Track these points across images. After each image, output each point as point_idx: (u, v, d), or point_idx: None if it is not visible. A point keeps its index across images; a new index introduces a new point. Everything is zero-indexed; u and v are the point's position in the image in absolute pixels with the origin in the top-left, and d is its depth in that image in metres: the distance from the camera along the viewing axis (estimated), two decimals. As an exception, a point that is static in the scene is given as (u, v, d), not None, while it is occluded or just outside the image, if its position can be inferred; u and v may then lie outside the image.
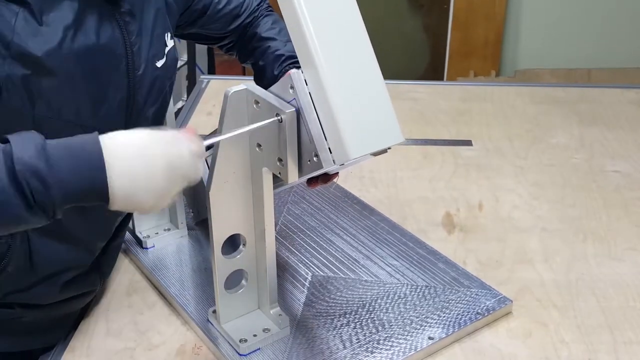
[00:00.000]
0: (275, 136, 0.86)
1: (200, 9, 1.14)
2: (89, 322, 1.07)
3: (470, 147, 1.57)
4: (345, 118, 0.81)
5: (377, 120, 0.84)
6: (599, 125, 1.67)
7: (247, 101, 0.89)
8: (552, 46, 3.01)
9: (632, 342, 1.03)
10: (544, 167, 1.49)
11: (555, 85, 2.21)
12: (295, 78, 0.83)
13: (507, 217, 1.33)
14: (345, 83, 0.82)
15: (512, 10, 2.98)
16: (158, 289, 1.13)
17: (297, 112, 0.84)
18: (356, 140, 0.81)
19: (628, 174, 1.46)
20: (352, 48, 0.84)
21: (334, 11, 0.84)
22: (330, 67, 0.81)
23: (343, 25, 0.84)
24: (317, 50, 0.81)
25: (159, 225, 1.23)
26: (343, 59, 0.82)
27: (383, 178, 1.46)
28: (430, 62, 3.34)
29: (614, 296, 1.12)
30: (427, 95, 1.83)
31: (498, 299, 1.08)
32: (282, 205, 1.33)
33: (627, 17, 2.93)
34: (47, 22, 0.85)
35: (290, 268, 1.16)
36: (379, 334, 1.02)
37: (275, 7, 1.00)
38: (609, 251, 1.23)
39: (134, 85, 0.96)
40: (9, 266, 0.95)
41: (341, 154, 0.81)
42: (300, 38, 0.82)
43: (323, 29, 0.82)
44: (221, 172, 0.91)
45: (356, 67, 0.83)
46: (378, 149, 0.84)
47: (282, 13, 0.84)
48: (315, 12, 0.82)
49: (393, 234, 1.24)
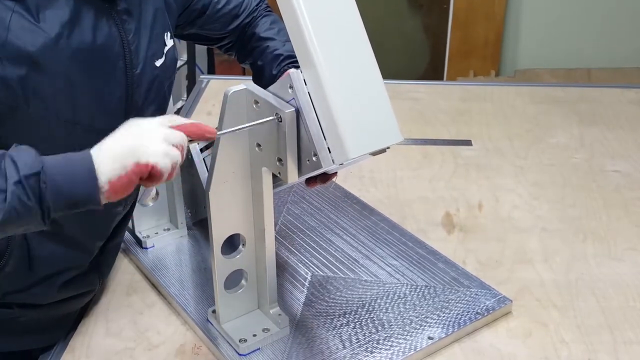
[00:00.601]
0: (275, 136, 0.86)
1: (200, 9, 1.14)
2: (88, 322, 1.07)
3: (470, 147, 1.57)
4: (344, 118, 0.81)
5: (376, 119, 0.84)
6: (598, 125, 1.66)
7: (246, 101, 0.89)
8: (552, 46, 3.01)
9: (632, 342, 1.03)
10: (543, 167, 1.49)
11: (555, 85, 2.21)
12: (294, 78, 0.83)
13: (507, 217, 1.33)
14: (344, 83, 0.82)
15: (511, 10, 2.98)
16: (158, 288, 1.13)
17: (297, 112, 0.84)
18: (355, 140, 0.81)
19: (628, 174, 1.46)
20: (351, 48, 0.84)
21: (333, 11, 0.84)
22: (330, 67, 0.81)
23: (342, 25, 0.84)
24: (316, 50, 0.81)
25: (159, 225, 1.23)
26: (342, 58, 0.82)
27: (383, 178, 1.45)
28: (430, 62, 3.34)
29: (614, 296, 1.12)
30: (427, 95, 1.83)
31: (498, 299, 1.08)
32: (282, 205, 1.33)
33: (627, 16, 2.93)
34: (44, 19, 0.85)
35: (290, 268, 1.16)
36: (379, 333, 1.02)
37: (274, 8, 1.00)
38: (608, 251, 1.23)
39: (132, 84, 0.96)
40: (8, 266, 0.95)
41: (340, 153, 0.81)
42: (299, 38, 0.82)
43: (322, 29, 0.82)
44: (221, 171, 0.91)
45: (355, 67, 0.83)
46: (377, 149, 0.84)
47: (281, 13, 0.84)
48: (314, 12, 0.82)
49: (393, 233, 1.24)
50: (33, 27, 0.84)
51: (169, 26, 1.05)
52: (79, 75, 0.89)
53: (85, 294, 1.07)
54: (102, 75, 0.92)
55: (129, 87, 0.96)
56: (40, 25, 0.85)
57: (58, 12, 0.86)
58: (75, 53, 0.88)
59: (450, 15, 3.04)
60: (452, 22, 3.04)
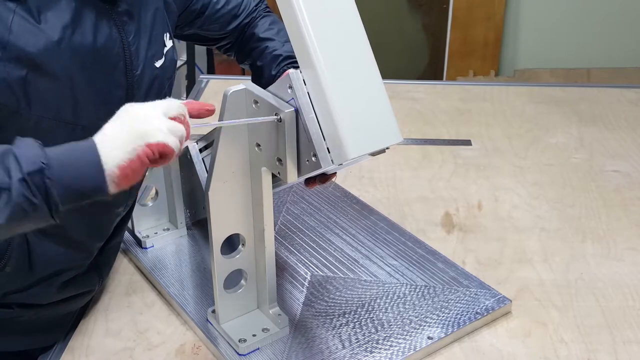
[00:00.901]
0: (274, 136, 0.86)
1: (199, 9, 1.14)
2: (88, 322, 1.07)
3: (470, 147, 1.58)
4: (343, 118, 0.81)
5: (376, 120, 0.84)
6: (598, 125, 1.67)
7: (246, 101, 0.89)
8: (552, 46, 3.01)
9: (631, 341, 1.03)
10: (543, 167, 1.49)
11: (554, 85, 2.21)
12: (294, 78, 0.83)
13: (506, 216, 1.33)
14: (344, 83, 0.82)
15: (511, 10, 2.99)
16: (157, 288, 1.13)
17: (296, 112, 0.84)
18: (355, 140, 0.81)
19: (627, 174, 1.46)
20: (350, 48, 0.84)
21: (333, 11, 0.84)
22: (329, 67, 0.81)
23: (342, 25, 0.84)
24: (315, 50, 0.81)
25: (158, 225, 1.23)
26: (341, 59, 0.82)
27: (382, 178, 1.46)
28: (429, 62, 3.34)
29: (613, 296, 1.12)
30: (426, 95, 1.83)
31: (497, 299, 1.08)
32: (281, 205, 1.33)
33: (626, 16, 2.93)
34: (45, 20, 0.85)
35: (289, 268, 1.16)
36: (378, 333, 1.02)
37: (273, 8, 1.00)
38: (608, 251, 1.23)
39: (132, 85, 0.96)
40: (8, 266, 0.95)
41: (339, 154, 0.81)
42: (299, 38, 0.82)
43: (322, 29, 0.82)
44: (220, 171, 0.91)
45: (355, 67, 0.83)
46: (376, 149, 0.84)
47: (280, 13, 0.84)
48: (314, 12, 0.82)
49: (392, 233, 1.24)
50: (34, 29, 0.84)
51: (169, 27, 1.05)
52: (80, 76, 0.89)
53: (85, 294, 1.07)
54: (103, 76, 0.92)
55: (129, 88, 0.96)
56: (42, 26, 0.85)
57: (59, 14, 0.86)
58: (76, 54, 0.88)
59: (450, 15, 3.04)
60: (452, 22, 3.05)
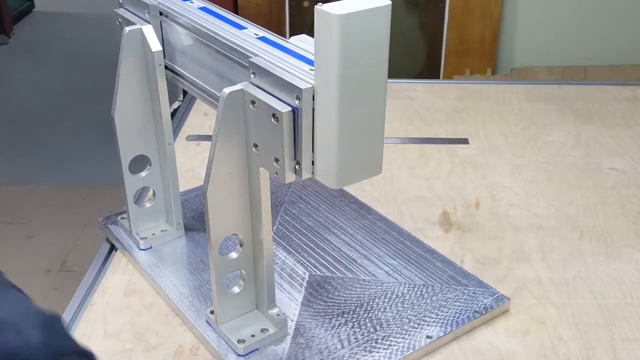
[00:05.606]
0: (272, 136, 0.86)
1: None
2: (86, 324, 1.07)
3: (467, 145, 1.58)
4: (344, 149, 0.81)
5: (367, 155, 0.84)
6: (595, 123, 1.67)
7: (243, 101, 0.88)
8: (548, 44, 3.02)
9: (630, 339, 1.03)
10: (540, 165, 1.50)
11: (551, 83, 2.21)
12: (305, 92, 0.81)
13: (504, 215, 1.33)
14: (354, 111, 0.80)
15: (507, 8, 2.99)
16: (155, 290, 1.13)
17: (294, 112, 0.83)
18: (344, 173, 0.82)
19: (624, 171, 1.47)
20: (368, 78, 0.80)
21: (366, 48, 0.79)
22: (346, 93, 0.78)
23: (368, 60, 0.79)
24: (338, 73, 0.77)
25: (156, 226, 1.23)
26: (358, 87, 0.80)
27: (379, 177, 1.45)
28: (426, 61, 3.34)
29: (611, 293, 1.12)
30: (423, 93, 1.83)
31: (496, 297, 1.08)
32: (279, 205, 1.33)
33: (623, 14, 2.94)
34: None
35: (287, 268, 1.16)
36: (377, 333, 1.02)
37: (273, 8, 0.99)
38: (605, 248, 1.23)
39: None
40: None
41: (327, 179, 0.83)
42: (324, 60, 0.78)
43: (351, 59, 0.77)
44: (218, 172, 0.91)
45: (367, 98, 0.81)
46: (358, 181, 0.85)
47: (315, 31, 0.79)
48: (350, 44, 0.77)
49: (390, 232, 1.24)
50: None
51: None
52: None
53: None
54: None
55: None
56: None
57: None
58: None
59: (446, 14, 3.04)
60: (448, 20, 3.05)
